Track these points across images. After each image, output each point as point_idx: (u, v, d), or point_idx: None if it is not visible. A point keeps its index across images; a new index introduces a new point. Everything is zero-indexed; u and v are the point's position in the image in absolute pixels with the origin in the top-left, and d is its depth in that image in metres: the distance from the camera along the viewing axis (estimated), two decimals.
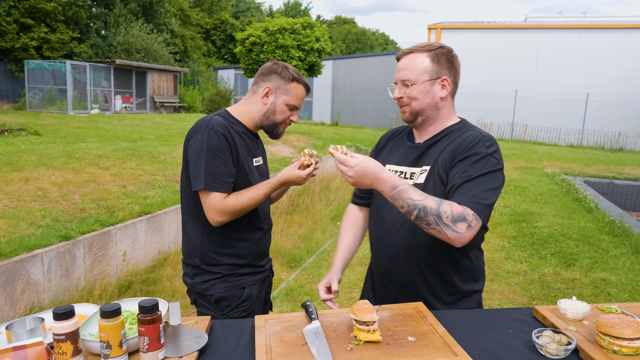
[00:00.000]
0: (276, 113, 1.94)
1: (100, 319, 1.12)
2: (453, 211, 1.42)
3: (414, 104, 1.68)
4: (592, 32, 20.30)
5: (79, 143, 9.26)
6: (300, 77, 1.97)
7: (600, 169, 12.06)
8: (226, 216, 1.79)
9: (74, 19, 23.91)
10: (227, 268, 1.91)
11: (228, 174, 1.80)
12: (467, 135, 1.62)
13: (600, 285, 4.73)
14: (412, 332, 1.36)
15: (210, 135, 1.79)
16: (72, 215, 5.47)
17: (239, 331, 1.42)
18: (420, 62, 1.66)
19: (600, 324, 1.29)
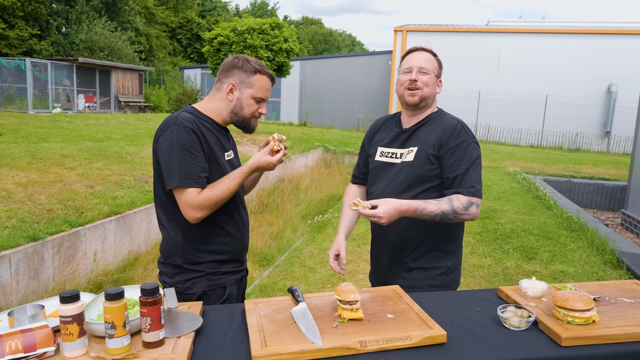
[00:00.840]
0: (243, 108, 1.90)
1: (105, 301, 1.20)
2: (462, 203, 1.84)
3: (425, 90, 1.99)
4: (551, 36, 21.11)
5: (42, 143, 9.05)
6: (263, 68, 1.92)
7: (558, 168, 12.59)
8: (203, 211, 1.76)
9: (34, 15, 23.19)
10: (210, 266, 1.89)
11: (200, 168, 1.78)
12: (448, 123, 1.98)
13: (559, 277, 5.00)
14: (391, 310, 1.49)
15: (180, 132, 1.76)
16: (39, 216, 5.39)
17: (230, 314, 1.52)
18: (433, 60, 2.05)
19: (557, 298, 1.45)
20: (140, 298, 1.24)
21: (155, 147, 1.83)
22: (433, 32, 22.80)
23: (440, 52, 11.03)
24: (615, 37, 20.38)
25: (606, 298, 1.63)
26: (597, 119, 20.75)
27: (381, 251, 2.14)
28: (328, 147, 15.32)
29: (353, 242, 6.20)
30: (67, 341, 1.19)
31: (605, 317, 1.47)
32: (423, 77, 1.98)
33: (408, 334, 1.32)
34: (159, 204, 1.92)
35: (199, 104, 1.96)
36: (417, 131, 2.03)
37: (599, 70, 20.49)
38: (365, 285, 4.92)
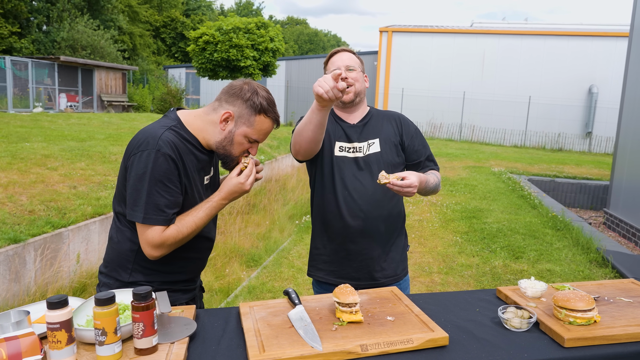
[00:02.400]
0: (233, 145, 1.67)
1: (96, 306, 1.14)
2: (439, 178, 2.09)
3: (357, 85, 2.05)
4: (534, 38, 21.36)
5: (23, 143, 8.85)
6: (271, 109, 1.68)
7: (542, 167, 12.74)
8: (164, 249, 1.57)
9: (14, 13, 22.71)
10: (158, 285, 1.66)
11: (173, 204, 1.57)
12: (396, 115, 2.19)
13: (546, 276, 5.04)
14: (390, 312, 1.45)
15: (157, 159, 1.53)
16: (20, 217, 5.26)
17: (225, 318, 1.47)
18: (355, 58, 2.10)
19: (558, 299, 1.43)
20: (132, 303, 1.18)
21: (126, 164, 1.60)
22: (418, 33, 22.90)
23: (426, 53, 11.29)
24: (596, 39, 20.71)
25: (605, 298, 1.62)
26: (578, 119, 21.05)
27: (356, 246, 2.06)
28: None
29: None
30: (55, 349, 1.14)
31: (606, 317, 1.46)
32: (351, 73, 2.04)
33: (409, 336, 1.29)
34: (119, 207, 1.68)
35: (189, 117, 1.70)
36: (368, 125, 2.12)
37: (580, 72, 20.80)
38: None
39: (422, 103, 22.19)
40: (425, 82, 22.19)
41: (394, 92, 22.91)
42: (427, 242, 6.24)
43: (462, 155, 15.10)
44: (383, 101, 23.21)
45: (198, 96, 29.55)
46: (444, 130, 22.15)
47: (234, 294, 4.69)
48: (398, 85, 22.76)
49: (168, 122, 1.65)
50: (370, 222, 2.02)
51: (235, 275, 5.66)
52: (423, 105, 22.16)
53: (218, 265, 5.93)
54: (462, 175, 11.18)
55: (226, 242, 6.73)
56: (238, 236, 7.11)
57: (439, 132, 22.19)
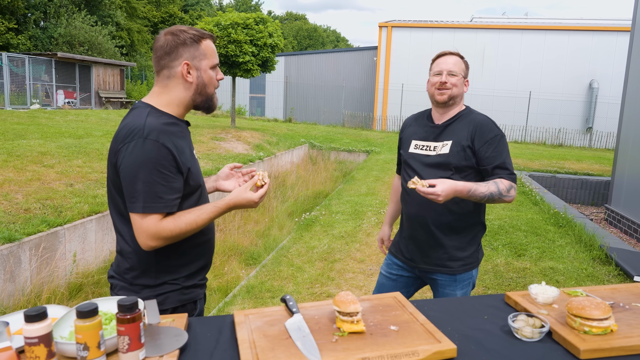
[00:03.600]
0: (207, 85, 1.69)
1: (77, 319, 1.06)
2: (505, 187, 2.07)
3: (454, 90, 2.20)
4: (534, 33, 21.25)
5: (20, 140, 8.77)
6: (203, 32, 1.69)
7: (543, 163, 12.66)
8: (160, 241, 1.53)
9: (10, 9, 22.56)
10: (184, 279, 1.69)
11: (172, 190, 1.55)
12: (479, 119, 2.22)
13: (549, 274, 4.96)
14: (394, 321, 1.37)
15: (147, 147, 1.51)
16: (16, 216, 5.18)
17: (218, 328, 1.38)
18: (460, 63, 2.26)
19: (572, 306, 1.35)
20: (117, 315, 1.10)
21: (115, 160, 1.57)
22: (418, 28, 22.78)
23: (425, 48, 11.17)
24: (597, 34, 20.59)
25: (620, 304, 1.54)
26: (579, 114, 20.97)
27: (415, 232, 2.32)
28: (314, 143, 15.19)
29: (342, 239, 6.10)
30: None
31: (623, 326, 1.37)
32: (452, 78, 2.20)
33: (415, 348, 1.21)
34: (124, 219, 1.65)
35: (154, 100, 1.68)
36: (450, 126, 2.24)
37: (580, 67, 20.70)
38: (358, 279, 4.84)
39: (422, 98, 22.01)
40: (425, 78, 22.02)
41: (394, 87, 22.80)
42: None
43: None
44: (383, 97, 23.12)
45: None
46: None
47: (232, 293, 4.62)
48: (398, 80, 22.65)
49: (143, 111, 1.62)
50: (423, 212, 2.24)
51: (234, 273, 5.58)
52: (423, 101, 21.96)
53: (217, 263, 5.86)
54: None
55: (225, 240, 6.65)
56: (237, 234, 7.03)
57: None
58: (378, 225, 6.77)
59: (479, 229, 2.30)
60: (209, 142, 11.50)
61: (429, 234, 2.24)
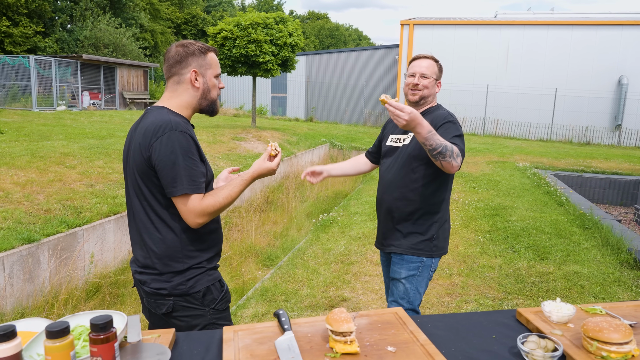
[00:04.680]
0: (211, 90, 1.93)
1: (46, 339, 1.00)
2: (457, 150, 2.15)
3: (425, 91, 2.46)
4: (560, 28, 20.70)
5: (44, 141, 8.93)
6: (209, 46, 1.95)
7: (569, 162, 12.30)
8: (206, 217, 1.77)
9: (38, 12, 23.07)
10: (207, 262, 1.90)
11: (201, 174, 1.78)
12: (439, 113, 2.43)
13: (573, 278, 4.77)
14: (392, 341, 1.27)
15: (179, 137, 1.74)
16: (36, 217, 5.24)
17: (206, 344, 1.31)
18: (433, 66, 2.48)
19: (588, 328, 1.23)
20: (89, 335, 1.04)
21: (149, 154, 1.74)
22: (440, 26, 22.44)
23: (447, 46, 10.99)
24: (626, 28, 19.94)
25: None
26: (607, 111, 20.34)
27: (379, 214, 2.60)
28: (334, 142, 15.10)
29: (359, 241, 6.00)
30: None
31: None
32: (424, 80, 2.44)
33: None
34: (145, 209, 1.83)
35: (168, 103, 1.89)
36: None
37: (609, 62, 20.08)
38: (374, 282, 4.73)
39: (443, 96, 21.75)
40: (448, 76, 21.73)
41: None
42: None
43: (486, 150, 14.71)
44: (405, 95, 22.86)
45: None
46: (467, 124, 21.70)
47: (245, 296, 4.57)
48: None
49: (162, 110, 1.83)
50: (384, 195, 2.51)
51: (250, 274, 5.54)
52: (445, 99, 21.72)
53: (234, 264, 5.83)
54: (485, 170, 10.86)
55: (242, 241, 6.62)
56: (255, 234, 7.00)
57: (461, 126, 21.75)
58: None
59: (437, 221, 2.45)
60: (229, 142, 11.53)
61: (388, 217, 2.50)
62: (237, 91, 27.90)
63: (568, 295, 4.41)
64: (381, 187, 2.56)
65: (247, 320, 4.06)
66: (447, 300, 4.34)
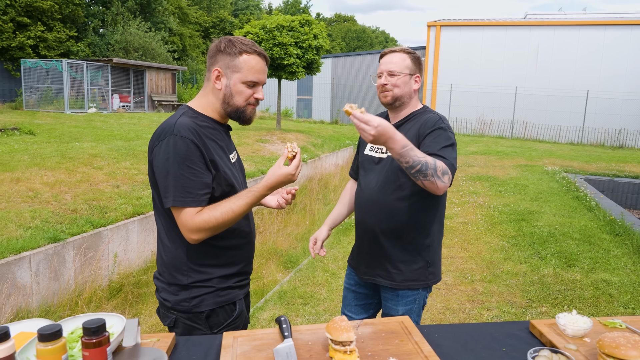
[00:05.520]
0: (234, 96, 1.69)
1: (38, 342, 1.00)
2: (442, 167, 1.80)
3: (396, 90, 2.07)
4: (592, 28, 20.14)
5: (74, 142, 9.14)
6: (250, 47, 1.68)
7: (600, 166, 11.93)
8: (201, 233, 1.58)
9: (71, 18, 23.74)
10: (218, 281, 1.71)
11: (200, 185, 1.59)
12: (428, 117, 2.04)
13: (602, 287, 4.60)
14: (395, 352, 1.23)
15: (177, 143, 1.57)
16: (63, 216, 5.36)
17: (205, 350, 1.29)
18: (403, 60, 2.08)
19: (604, 343, 1.15)
20: (82, 338, 1.03)
21: (151, 159, 1.65)
22: (467, 27, 22.12)
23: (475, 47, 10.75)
24: None
25: None
26: None
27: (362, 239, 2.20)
28: None
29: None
30: None
31: None
32: (392, 79, 2.07)
33: None
34: (159, 215, 1.74)
35: (194, 101, 1.76)
36: (401, 127, 2.08)
37: None
38: None
39: (471, 99, 21.42)
40: (475, 78, 21.42)
41: (442, 88, 22.25)
42: (470, 246, 5.88)
43: (513, 153, 14.40)
44: (431, 98, 22.62)
45: None
46: (495, 127, 21.30)
47: (264, 299, 4.56)
48: (446, 81, 22.09)
49: (180, 111, 1.71)
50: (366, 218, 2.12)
51: (271, 277, 5.54)
52: (472, 102, 21.39)
53: (255, 266, 5.84)
54: (512, 174, 10.62)
55: (264, 243, 6.63)
56: (276, 236, 7.00)
57: (489, 129, 21.37)
58: None
59: (430, 245, 2.09)
60: (254, 144, 11.59)
61: (372, 241, 2.12)
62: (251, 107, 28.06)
63: (595, 304, 4.25)
64: (361, 207, 2.15)
65: (264, 323, 4.05)
66: (468, 307, 4.24)
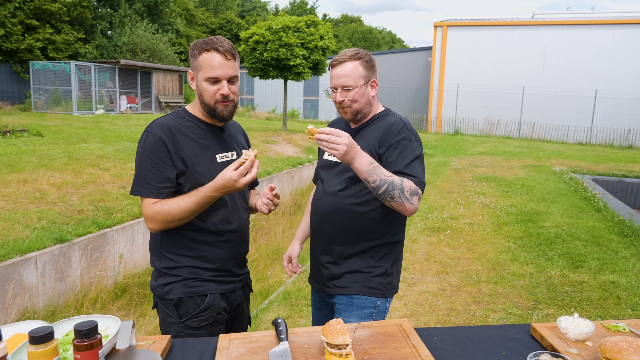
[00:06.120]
0: (203, 95, 1.75)
1: (29, 345, 0.99)
2: (411, 187, 1.72)
3: (355, 105, 1.92)
4: (601, 28, 19.98)
5: (81, 144, 9.19)
6: (209, 45, 1.71)
7: (609, 166, 11.82)
8: (153, 223, 1.70)
9: (79, 20, 23.89)
10: (189, 271, 1.78)
11: (161, 178, 1.69)
12: (391, 122, 1.91)
13: (609, 289, 4.55)
14: (392, 355, 1.21)
15: (147, 139, 1.72)
16: (69, 217, 5.38)
17: (200, 352, 1.28)
18: (356, 69, 1.90)
19: (605, 348, 1.13)
20: (73, 341, 1.02)
21: None
22: (474, 27, 22.02)
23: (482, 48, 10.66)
24: None
25: None
26: None
27: (315, 247, 2.06)
28: None
29: None
30: None
31: None
32: (348, 94, 1.91)
33: None
34: None
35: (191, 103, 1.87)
36: (362, 131, 1.98)
37: None
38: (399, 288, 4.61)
39: (478, 99, 21.32)
40: (482, 78, 21.31)
41: (449, 88, 22.17)
42: (476, 247, 5.84)
43: (521, 153, 14.31)
44: (437, 98, 22.53)
45: (252, 96, 29.95)
46: (502, 127, 21.19)
47: (268, 300, 4.56)
48: (453, 81, 22.01)
49: (173, 112, 1.83)
50: (322, 225, 2.00)
51: (276, 277, 5.53)
52: (479, 102, 21.28)
53: (260, 267, 5.83)
54: (519, 175, 10.55)
55: (269, 244, 6.63)
56: (282, 237, 6.99)
57: (496, 130, 21.26)
58: (424, 231, 6.51)
59: (390, 253, 1.97)
60: (260, 144, 11.60)
61: (326, 251, 1.99)
62: (269, 95, 28.14)
63: (603, 306, 4.20)
64: (316, 214, 2.03)
65: (268, 325, 4.04)
66: (473, 308, 4.20)
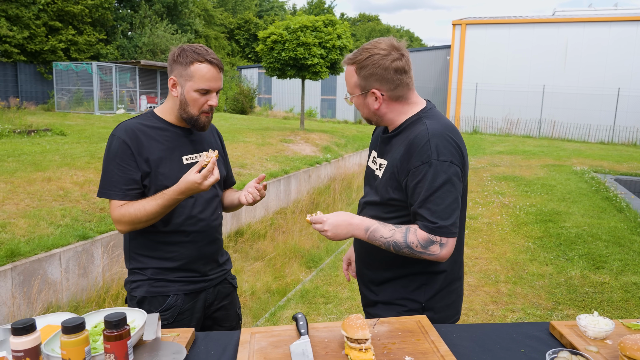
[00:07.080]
0: (189, 104, 1.75)
1: (62, 334, 1.03)
2: (419, 239, 1.47)
3: (364, 111, 1.67)
4: (624, 24, 19.59)
5: (103, 143, 9.35)
6: (202, 55, 1.72)
7: (632, 166, 11.60)
8: (121, 225, 1.72)
9: (101, 21, 24.30)
10: (153, 272, 1.81)
11: (125, 180, 1.71)
12: (414, 135, 1.55)
13: (632, 290, 4.48)
14: (411, 350, 1.23)
15: (112, 142, 1.75)
16: (92, 215, 5.49)
17: (224, 345, 1.32)
18: (351, 76, 1.63)
19: (625, 345, 1.13)
20: (103, 331, 1.06)
21: None
22: (493, 25, 21.78)
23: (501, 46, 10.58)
24: None
25: None
26: None
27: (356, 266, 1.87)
28: None
29: None
30: None
31: None
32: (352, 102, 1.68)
33: None
34: None
35: (161, 105, 1.88)
36: (393, 140, 1.66)
37: None
38: None
39: (497, 98, 21.08)
40: (501, 76, 21.07)
41: (468, 87, 21.97)
42: (495, 247, 5.80)
43: (541, 152, 14.12)
44: (456, 97, 22.35)
45: (270, 95, 30.08)
46: (522, 126, 20.92)
47: (285, 297, 4.59)
48: (472, 80, 21.81)
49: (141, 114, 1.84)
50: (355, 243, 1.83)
51: (294, 276, 5.57)
52: (499, 101, 21.05)
53: (277, 265, 5.88)
54: (539, 174, 10.42)
55: (287, 242, 6.67)
56: (299, 236, 7.03)
57: (515, 129, 21.00)
58: None
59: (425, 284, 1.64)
60: (278, 144, 11.66)
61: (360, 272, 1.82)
62: (286, 94, 28.23)
63: (625, 307, 4.14)
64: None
65: (287, 322, 4.08)
66: (492, 308, 4.18)
